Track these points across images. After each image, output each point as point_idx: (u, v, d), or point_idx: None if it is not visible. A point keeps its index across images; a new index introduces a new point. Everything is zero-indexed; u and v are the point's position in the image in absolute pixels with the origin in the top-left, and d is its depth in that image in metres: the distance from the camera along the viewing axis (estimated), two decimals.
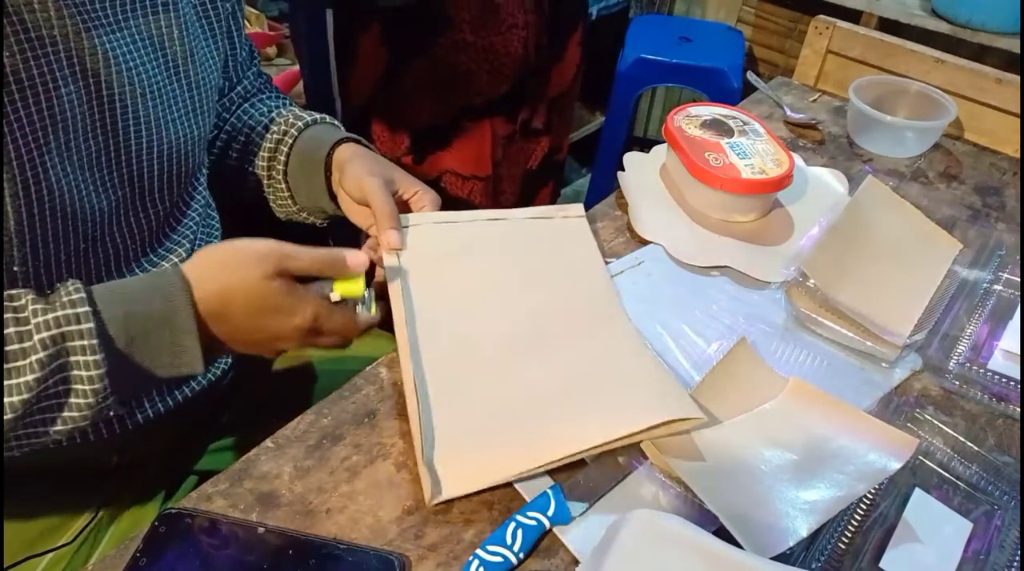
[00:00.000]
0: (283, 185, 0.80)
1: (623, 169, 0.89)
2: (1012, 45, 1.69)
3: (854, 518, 0.56)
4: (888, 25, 1.85)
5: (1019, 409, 0.66)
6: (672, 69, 1.96)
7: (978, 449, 0.62)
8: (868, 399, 0.66)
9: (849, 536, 0.55)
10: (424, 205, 0.74)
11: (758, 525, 0.53)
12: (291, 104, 0.86)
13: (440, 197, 0.75)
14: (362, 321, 0.64)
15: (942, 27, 1.78)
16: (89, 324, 0.52)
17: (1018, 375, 0.68)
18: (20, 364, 0.51)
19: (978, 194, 0.95)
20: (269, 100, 0.85)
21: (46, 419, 0.54)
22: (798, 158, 0.94)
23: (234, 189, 0.84)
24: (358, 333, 0.64)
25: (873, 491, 0.57)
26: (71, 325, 0.52)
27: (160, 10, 0.65)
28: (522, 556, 0.52)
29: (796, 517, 0.53)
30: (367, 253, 0.65)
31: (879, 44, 1.08)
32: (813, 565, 0.53)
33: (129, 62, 0.62)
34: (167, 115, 0.66)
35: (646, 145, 0.99)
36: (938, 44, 1.14)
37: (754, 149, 0.84)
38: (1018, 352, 0.69)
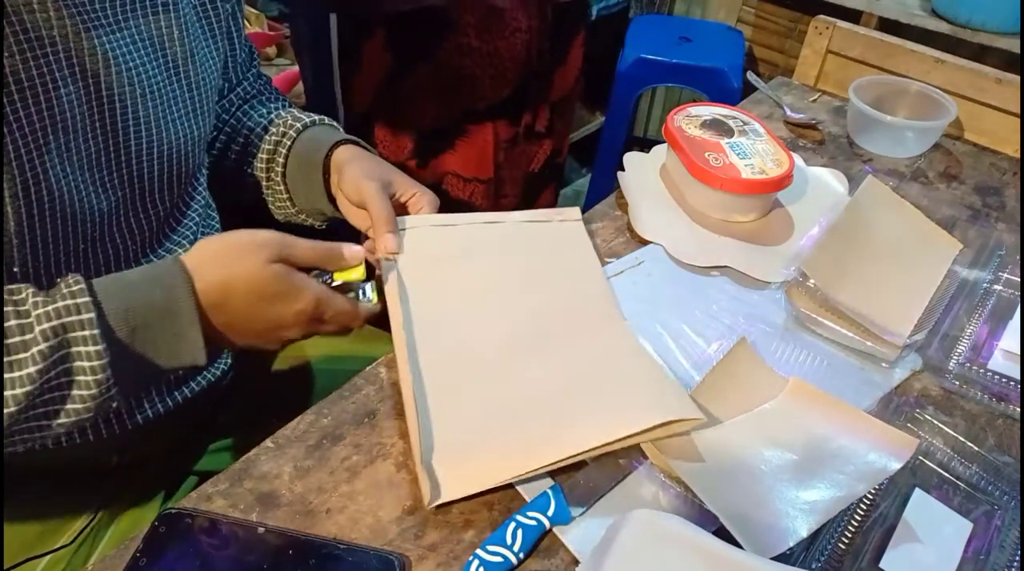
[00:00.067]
0: (281, 187, 0.80)
1: (623, 169, 0.89)
2: (1012, 45, 1.69)
3: (854, 518, 0.56)
4: (888, 25, 1.85)
5: (1019, 409, 0.66)
6: (672, 69, 1.96)
7: (978, 449, 0.62)
8: (868, 399, 0.66)
9: (849, 536, 0.55)
10: (422, 207, 0.73)
11: (758, 525, 0.53)
12: (290, 105, 0.86)
13: (441, 199, 0.75)
14: (363, 309, 0.64)
15: (942, 27, 1.78)
16: (90, 314, 0.52)
17: (1018, 375, 0.68)
18: (22, 356, 0.51)
19: (978, 194, 0.95)
20: (268, 101, 0.85)
21: (49, 412, 0.54)
22: (798, 158, 0.94)
23: (233, 190, 0.84)
24: (360, 321, 0.64)
25: (873, 491, 0.57)
26: (72, 316, 0.52)
27: (160, 11, 0.65)
28: (522, 556, 0.52)
29: (796, 517, 0.53)
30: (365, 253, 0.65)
31: (879, 44, 1.08)
32: (813, 565, 0.53)
33: (129, 63, 0.62)
34: (167, 116, 0.66)
35: (646, 145, 0.99)
36: (938, 44, 1.14)
37: (754, 149, 0.84)
38: (1018, 352, 0.69)
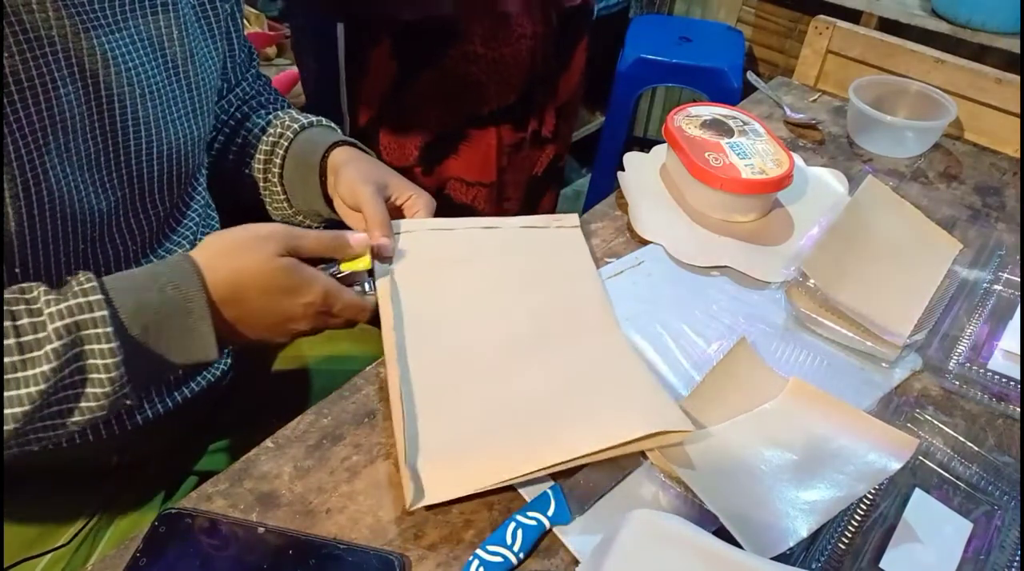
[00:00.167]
0: (279, 188, 0.80)
1: (623, 169, 0.89)
2: (1012, 45, 1.69)
3: (854, 518, 0.56)
4: (888, 25, 1.85)
5: (1019, 409, 0.66)
6: (672, 69, 1.96)
7: (978, 449, 0.62)
8: (868, 399, 0.66)
9: (849, 536, 0.55)
10: (418, 209, 0.73)
11: (758, 525, 0.53)
12: (289, 106, 0.86)
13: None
14: (370, 301, 0.65)
15: (942, 27, 1.78)
16: (103, 312, 0.52)
17: (1018, 375, 0.68)
18: (35, 354, 0.51)
19: (978, 194, 0.95)
20: (267, 102, 0.85)
21: (63, 410, 0.54)
22: (798, 158, 0.94)
23: (232, 190, 0.84)
24: (367, 314, 0.65)
25: (873, 491, 0.57)
26: (84, 314, 0.52)
27: (159, 11, 0.65)
28: (522, 556, 0.52)
29: (796, 517, 0.53)
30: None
31: (879, 44, 1.08)
32: (813, 565, 0.53)
33: (128, 63, 0.62)
34: (167, 116, 0.66)
35: (646, 145, 0.99)
36: (938, 44, 1.14)
37: (754, 149, 0.84)
38: (1018, 352, 0.69)
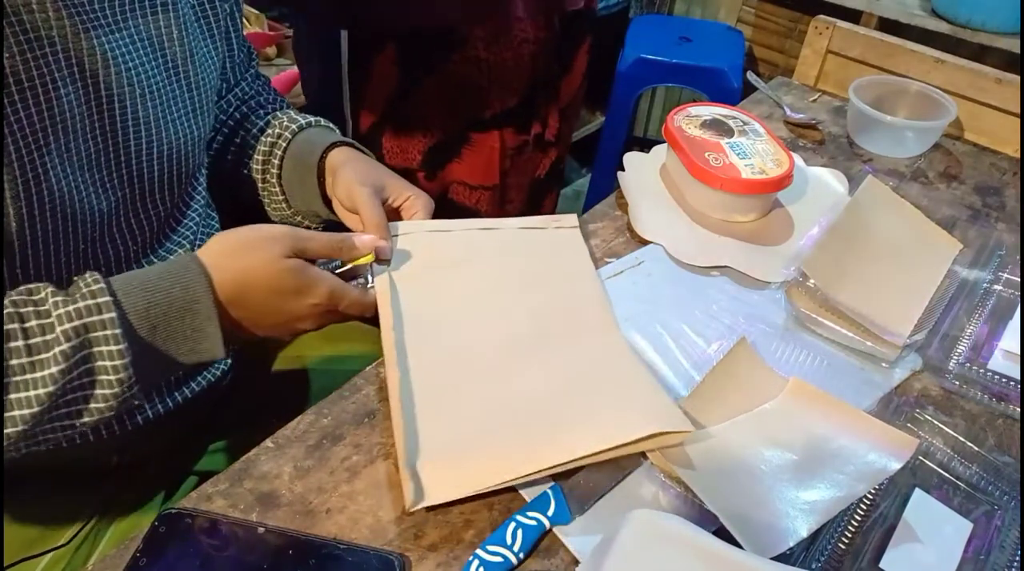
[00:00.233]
0: (277, 189, 0.80)
1: (623, 169, 0.89)
2: (1012, 45, 1.69)
3: (854, 518, 0.56)
4: (888, 25, 1.85)
5: (1019, 409, 0.66)
6: (672, 69, 1.96)
7: (978, 449, 0.62)
8: (868, 399, 0.66)
9: (849, 536, 0.55)
10: (416, 211, 0.73)
11: (758, 525, 0.53)
12: (288, 106, 0.86)
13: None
14: (373, 296, 0.65)
15: (942, 27, 1.78)
16: (111, 314, 0.53)
17: (1018, 375, 0.68)
18: (44, 356, 0.51)
19: (978, 194, 0.95)
20: (266, 102, 0.85)
21: (71, 412, 0.54)
22: (798, 158, 0.94)
23: (232, 190, 0.84)
24: (372, 310, 0.65)
25: (873, 491, 0.57)
26: (93, 316, 0.52)
27: (159, 11, 0.65)
28: (522, 556, 0.52)
29: (796, 517, 0.53)
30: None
31: (879, 44, 1.08)
32: (813, 565, 0.53)
33: (128, 63, 0.62)
34: (167, 116, 0.66)
35: (646, 145, 0.99)
36: (938, 44, 1.14)
37: (754, 149, 0.84)
38: (1018, 352, 0.69)
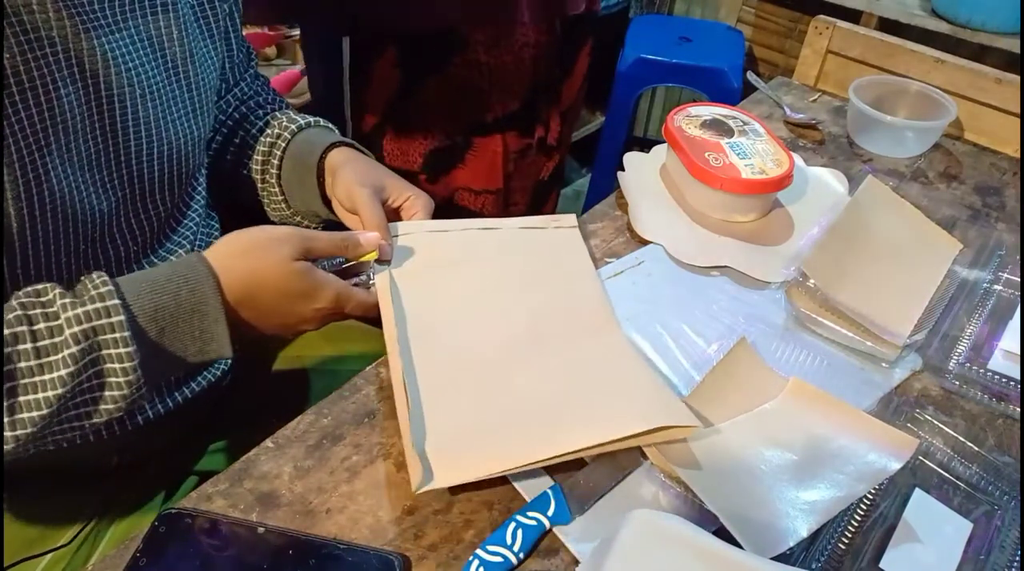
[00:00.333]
0: (277, 189, 0.80)
1: (623, 169, 0.89)
2: (1012, 45, 1.69)
3: (854, 518, 0.56)
4: (888, 25, 1.85)
5: (1019, 409, 0.66)
6: (672, 69, 1.96)
7: (978, 449, 0.62)
8: (868, 399, 0.66)
9: (849, 536, 0.55)
10: (416, 211, 0.73)
11: (758, 525, 0.53)
12: (287, 106, 0.86)
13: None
14: (376, 299, 0.66)
15: (942, 27, 1.78)
16: (120, 317, 0.53)
17: (1018, 375, 0.68)
18: (52, 359, 0.51)
19: (978, 194, 0.95)
20: (266, 102, 0.85)
21: (80, 413, 0.54)
22: (798, 158, 0.94)
23: (231, 190, 0.84)
24: (376, 311, 0.66)
25: (873, 491, 0.57)
26: (102, 319, 0.53)
27: (159, 11, 0.65)
28: (522, 556, 0.52)
29: (796, 517, 0.53)
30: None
31: (879, 44, 1.08)
32: (813, 565, 0.53)
33: (128, 63, 0.62)
34: (167, 116, 0.66)
35: (646, 145, 0.99)
36: (938, 44, 1.14)
37: (754, 149, 0.84)
38: (1018, 352, 0.69)
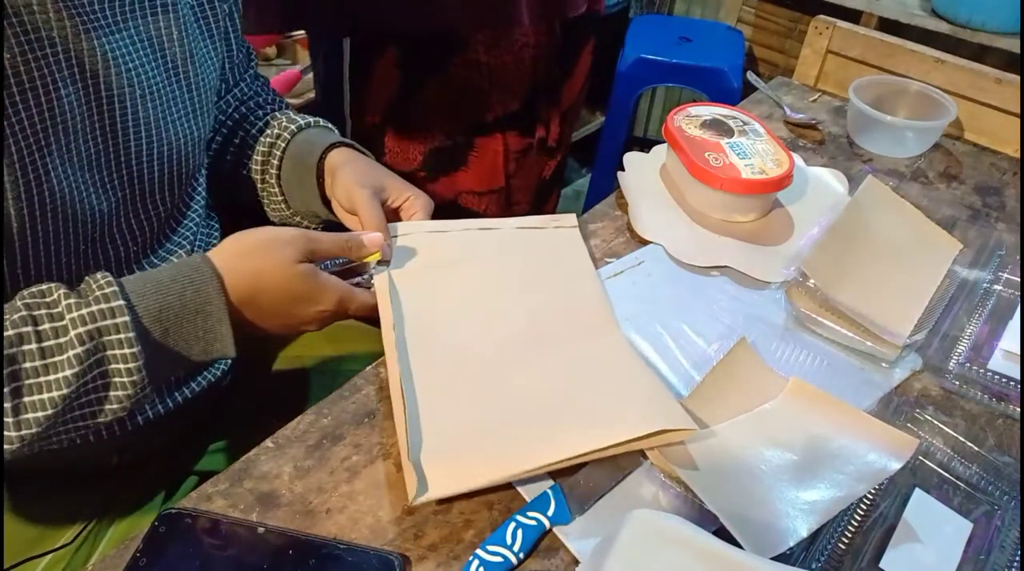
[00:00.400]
0: (276, 189, 0.80)
1: (623, 169, 0.89)
2: (1012, 45, 1.69)
3: (854, 518, 0.56)
4: (888, 25, 1.85)
5: (1019, 409, 0.66)
6: (672, 69, 1.96)
7: (978, 449, 0.62)
8: (868, 399, 0.66)
9: (849, 536, 0.55)
10: (415, 211, 0.73)
11: (758, 525, 0.53)
12: (287, 107, 0.86)
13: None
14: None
15: (942, 27, 1.78)
16: (124, 318, 0.53)
17: (1018, 375, 0.68)
18: (58, 359, 0.52)
19: (978, 194, 0.95)
20: (265, 102, 0.85)
21: (85, 413, 0.55)
22: (798, 158, 0.94)
23: (231, 191, 0.84)
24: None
25: (873, 491, 0.57)
26: (107, 319, 0.53)
27: (159, 11, 0.65)
28: (522, 556, 0.52)
29: (796, 517, 0.53)
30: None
31: (879, 44, 1.08)
32: (813, 565, 0.53)
33: (128, 63, 0.62)
34: (167, 116, 0.66)
35: (646, 145, 0.99)
36: (938, 44, 1.14)
37: (754, 149, 0.84)
38: (1018, 352, 0.69)
